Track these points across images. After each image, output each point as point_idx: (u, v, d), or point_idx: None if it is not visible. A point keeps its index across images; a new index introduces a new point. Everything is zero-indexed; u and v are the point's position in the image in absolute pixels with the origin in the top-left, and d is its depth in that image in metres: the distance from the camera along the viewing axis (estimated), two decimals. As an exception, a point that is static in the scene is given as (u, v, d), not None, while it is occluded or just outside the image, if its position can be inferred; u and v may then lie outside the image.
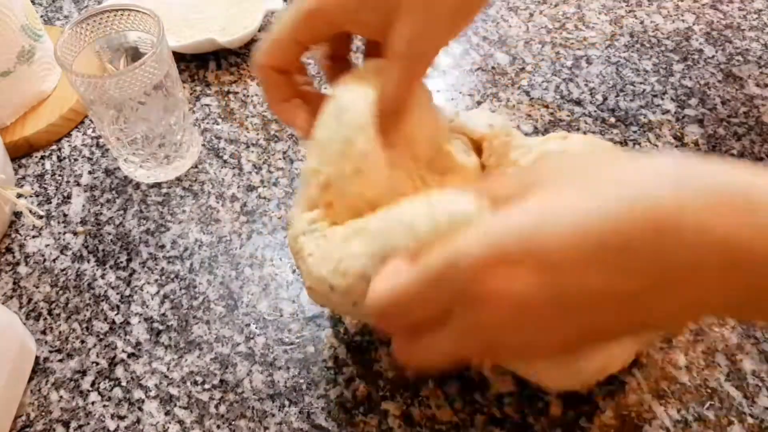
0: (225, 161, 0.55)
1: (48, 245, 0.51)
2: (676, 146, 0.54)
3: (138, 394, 0.44)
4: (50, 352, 0.46)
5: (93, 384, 0.44)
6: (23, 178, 0.55)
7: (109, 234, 0.51)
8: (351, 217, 0.37)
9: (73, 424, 0.42)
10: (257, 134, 0.57)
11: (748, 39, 0.62)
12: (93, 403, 0.43)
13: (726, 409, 0.41)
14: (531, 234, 0.25)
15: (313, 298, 0.38)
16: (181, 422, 0.42)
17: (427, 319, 0.28)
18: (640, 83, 0.59)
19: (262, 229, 0.51)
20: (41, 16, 0.67)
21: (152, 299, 0.48)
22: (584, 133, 0.55)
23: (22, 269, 0.50)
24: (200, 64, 0.62)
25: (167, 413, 0.43)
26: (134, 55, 0.51)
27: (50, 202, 0.54)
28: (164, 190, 0.54)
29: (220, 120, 0.58)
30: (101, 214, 0.53)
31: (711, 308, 0.26)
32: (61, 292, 0.48)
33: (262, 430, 0.41)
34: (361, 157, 0.36)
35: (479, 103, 0.58)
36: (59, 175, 0.55)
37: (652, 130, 0.55)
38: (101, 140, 0.57)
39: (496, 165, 0.41)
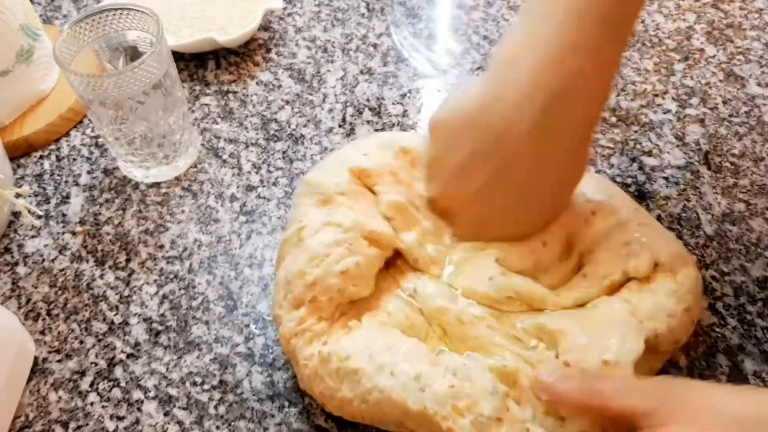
0: (224, 161, 0.55)
1: (47, 245, 0.51)
2: (677, 146, 0.54)
3: (137, 394, 0.43)
4: (49, 352, 0.45)
5: (92, 384, 0.44)
6: (22, 177, 0.55)
7: (108, 234, 0.51)
8: (334, 308, 0.40)
9: (72, 425, 0.42)
10: (256, 134, 0.57)
11: (750, 38, 0.62)
12: (92, 403, 0.43)
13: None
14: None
15: None
16: (180, 423, 0.42)
17: None
18: (641, 82, 0.59)
19: (261, 229, 0.51)
20: (40, 15, 0.67)
21: (151, 299, 0.48)
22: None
23: (21, 269, 0.50)
24: (199, 64, 0.62)
25: (166, 414, 0.42)
26: (133, 54, 0.51)
27: (49, 202, 0.53)
28: (163, 190, 0.54)
29: (219, 119, 0.58)
30: (100, 214, 0.52)
31: None
32: (59, 292, 0.48)
33: (261, 431, 0.41)
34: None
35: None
36: (58, 175, 0.55)
37: (653, 130, 0.55)
38: (100, 140, 0.57)
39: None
